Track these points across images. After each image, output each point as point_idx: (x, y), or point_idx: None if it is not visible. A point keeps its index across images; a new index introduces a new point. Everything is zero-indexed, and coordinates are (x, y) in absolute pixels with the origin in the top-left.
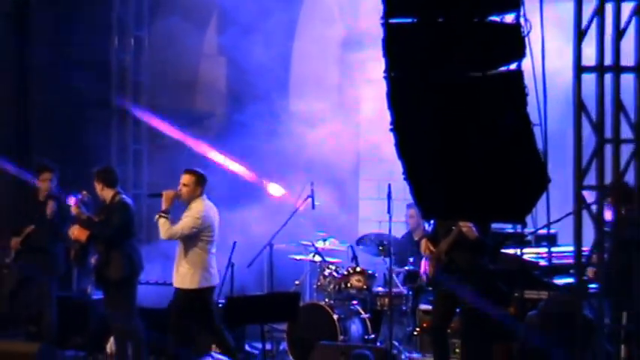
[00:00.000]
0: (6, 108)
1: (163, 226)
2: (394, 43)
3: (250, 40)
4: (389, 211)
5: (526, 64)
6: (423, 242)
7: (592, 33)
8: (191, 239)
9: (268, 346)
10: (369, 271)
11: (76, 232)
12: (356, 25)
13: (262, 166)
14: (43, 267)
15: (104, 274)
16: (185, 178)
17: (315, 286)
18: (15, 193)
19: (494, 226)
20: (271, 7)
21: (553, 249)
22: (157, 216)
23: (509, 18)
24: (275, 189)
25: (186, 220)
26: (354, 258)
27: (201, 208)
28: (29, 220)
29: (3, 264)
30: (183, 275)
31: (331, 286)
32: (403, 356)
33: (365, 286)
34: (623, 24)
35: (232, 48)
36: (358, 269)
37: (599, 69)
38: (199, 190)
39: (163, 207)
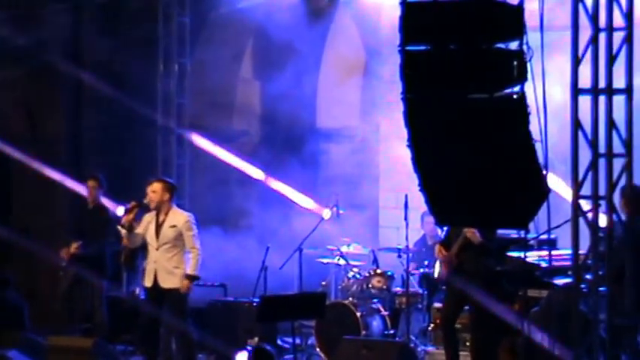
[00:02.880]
0: (64, 129)
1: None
2: (410, 68)
3: (282, 65)
4: (406, 219)
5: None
6: (437, 247)
7: (588, 58)
8: (184, 243)
9: (298, 341)
10: (389, 273)
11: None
12: (376, 51)
13: (292, 179)
14: (94, 269)
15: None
16: (153, 186)
17: (340, 287)
18: (72, 204)
19: (501, 231)
20: (300, 36)
21: (553, 252)
22: (189, 280)
23: (513, 45)
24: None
25: (193, 229)
26: (375, 261)
27: (187, 214)
28: (82, 227)
29: (58, 267)
30: (180, 276)
31: (354, 287)
32: (419, 349)
33: (385, 287)
34: (615, 50)
35: (266, 72)
36: (378, 271)
37: (594, 91)
38: (167, 195)
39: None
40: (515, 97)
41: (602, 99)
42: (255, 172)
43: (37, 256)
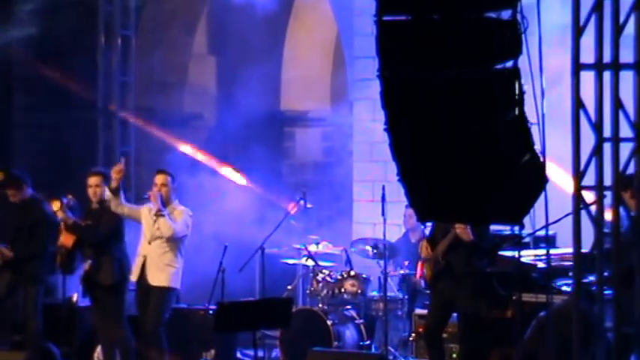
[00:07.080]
0: None
1: (165, 224)
2: (388, 41)
3: (241, 39)
4: (383, 214)
5: (523, 61)
6: (422, 244)
7: (590, 29)
8: (181, 238)
9: (260, 353)
10: (364, 275)
11: (62, 237)
12: (349, 23)
13: (253, 168)
14: (29, 275)
15: (94, 279)
16: (162, 179)
17: (308, 291)
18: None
19: (492, 228)
20: (262, 5)
21: (552, 251)
22: (156, 216)
23: (505, 15)
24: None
25: (185, 218)
26: (348, 262)
27: (185, 208)
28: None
29: None
30: (173, 274)
31: (324, 291)
32: None
33: (359, 291)
34: (621, 20)
35: (222, 47)
36: (352, 273)
37: (598, 66)
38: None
39: (157, 206)
40: (507, 73)
41: (607, 75)
42: (211, 161)
43: None
